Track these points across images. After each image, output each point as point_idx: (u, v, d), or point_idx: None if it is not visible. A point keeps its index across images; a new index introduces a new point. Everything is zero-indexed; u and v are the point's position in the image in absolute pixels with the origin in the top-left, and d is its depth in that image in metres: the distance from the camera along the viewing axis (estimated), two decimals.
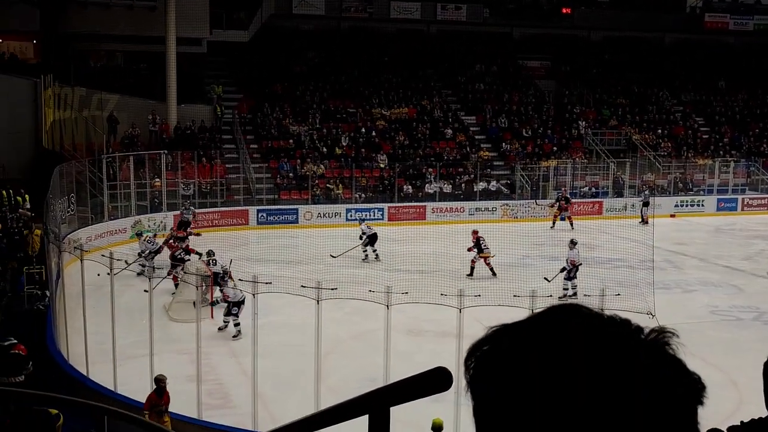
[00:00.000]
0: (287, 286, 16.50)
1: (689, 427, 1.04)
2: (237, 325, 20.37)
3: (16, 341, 17.64)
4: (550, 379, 1.00)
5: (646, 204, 37.44)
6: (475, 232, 26.73)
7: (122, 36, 40.54)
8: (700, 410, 1.06)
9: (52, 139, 38.10)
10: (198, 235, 28.16)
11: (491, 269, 26.29)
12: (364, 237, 28.45)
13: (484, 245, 26.44)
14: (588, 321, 1.06)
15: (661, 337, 1.06)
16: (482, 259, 26.35)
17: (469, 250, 26.49)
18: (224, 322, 20.79)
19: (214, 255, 23.12)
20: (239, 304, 20.35)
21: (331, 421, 2.52)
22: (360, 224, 29.58)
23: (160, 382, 14.46)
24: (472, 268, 26.29)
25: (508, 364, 1.04)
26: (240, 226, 34.25)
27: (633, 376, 1.00)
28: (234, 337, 20.25)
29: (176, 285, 22.81)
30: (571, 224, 35.46)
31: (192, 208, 31.93)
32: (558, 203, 36.47)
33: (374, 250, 28.49)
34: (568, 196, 37.33)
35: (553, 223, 36.04)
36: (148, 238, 26.61)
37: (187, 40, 40.09)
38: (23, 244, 26.42)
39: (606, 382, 0.99)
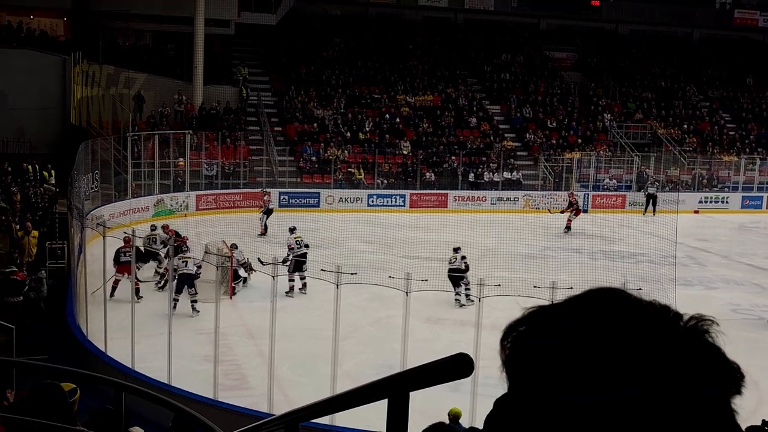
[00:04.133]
0: (307, 270, 16.55)
1: (726, 416, 1.02)
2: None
3: (16, 269, 18.05)
4: (586, 362, 0.98)
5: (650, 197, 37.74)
6: None
7: (151, 15, 40.56)
8: (738, 400, 1.04)
9: (80, 116, 38.30)
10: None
11: None
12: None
13: None
14: (626, 306, 1.04)
15: (700, 325, 1.04)
16: None
17: None
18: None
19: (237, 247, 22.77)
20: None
21: (350, 404, 2.52)
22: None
23: None
24: None
25: (545, 347, 1.03)
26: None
27: (671, 363, 0.98)
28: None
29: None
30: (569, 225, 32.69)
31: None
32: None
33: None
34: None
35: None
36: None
37: (216, 21, 40.15)
38: (18, 249, 23.38)
39: (643, 368, 0.96)
